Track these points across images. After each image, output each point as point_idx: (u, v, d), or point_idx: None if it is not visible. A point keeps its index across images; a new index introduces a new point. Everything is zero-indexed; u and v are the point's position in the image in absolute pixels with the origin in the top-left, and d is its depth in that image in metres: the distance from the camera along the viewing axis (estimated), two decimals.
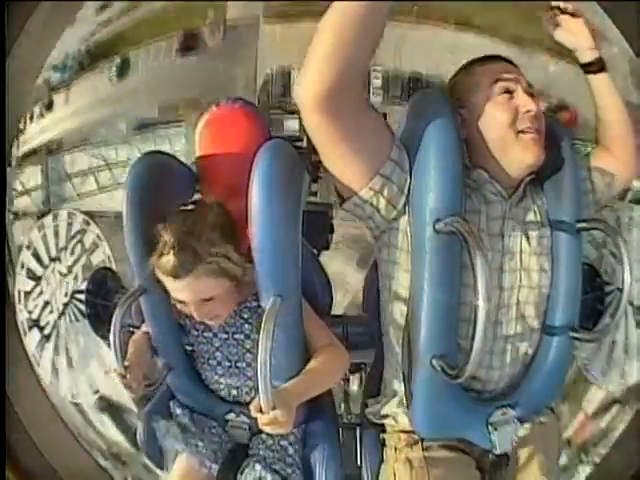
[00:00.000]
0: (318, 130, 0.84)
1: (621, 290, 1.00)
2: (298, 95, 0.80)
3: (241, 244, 1.00)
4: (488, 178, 0.98)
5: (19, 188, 2.28)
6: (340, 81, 0.77)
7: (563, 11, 1.03)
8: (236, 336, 1.08)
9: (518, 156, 0.96)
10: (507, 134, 0.95)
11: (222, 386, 1.11)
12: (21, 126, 2.24)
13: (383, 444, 1.09)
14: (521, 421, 1.02)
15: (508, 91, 0.96)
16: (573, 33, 1.03)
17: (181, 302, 0.98)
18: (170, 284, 0.95)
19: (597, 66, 1.04)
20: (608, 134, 1.08)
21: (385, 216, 0.95)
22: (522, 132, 0.95)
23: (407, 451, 1.02)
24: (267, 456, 1.07)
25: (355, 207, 0.95)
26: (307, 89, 0.79)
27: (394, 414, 1.05)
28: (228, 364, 1.09)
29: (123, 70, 2.56)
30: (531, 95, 0.96)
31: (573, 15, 1.02)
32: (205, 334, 1.09)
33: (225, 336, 1.08)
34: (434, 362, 0.92)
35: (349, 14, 0.74)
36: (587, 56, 1.04)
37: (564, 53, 1.07)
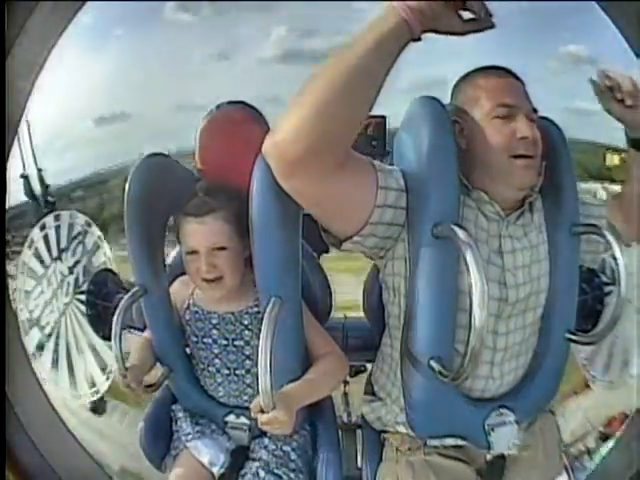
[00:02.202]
0: (297, 194, 0.82)
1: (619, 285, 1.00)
2: (271, 157, 0.76)
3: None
4: (488, 199, 0.97)
5: None
6: (318, 149, 0.72)
7: (614, 84, 0.95)
8: (236, 343, 1.08)
9: (508, 180, 0.95)
10: (500, 157, 0.93)
11: (221, 393, 1.12)
12: None
13: (383, 444, 1.09)
14: (518, 423, 1.02)
15: (509, 114, 0.94)
16: (630, 111, 0.96)
17: (193, 254, 1.02)
18: (190, 227, 1.02)
19: None
20: (630, 205, 1.08)
21: (390, 236, 0.94)
22: (515, 157, 0.93)
23: (409, 454, 1.03)
24: (270, 461, 1.08)
25: (355, 244, 0.93)
26: (282, 152, 0.74)
27: (393, 425, 1.05)
28: (227, 371, 1.10)
29: None
30: (531, 120, 0.95)
31: (633, 97, 0.94)
32: (205, 340, 1.10)
33: (225, 342, 1.08)
34: (432, 364, 0.92)
35: (338, 85, 0.70)
36: (638, 133, 1.00)
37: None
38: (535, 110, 0.97)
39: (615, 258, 0.98)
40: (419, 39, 0.72)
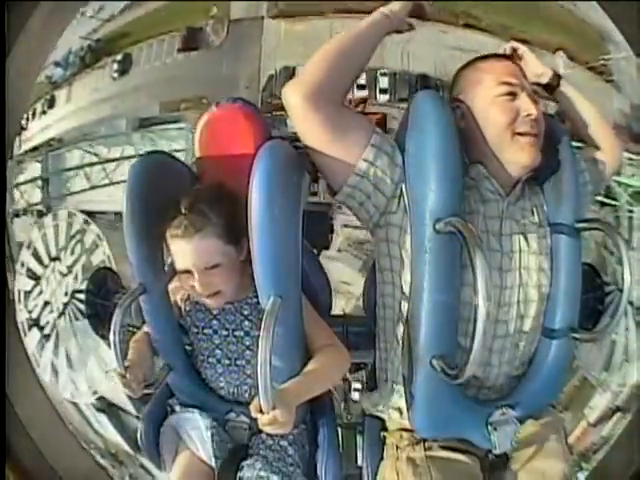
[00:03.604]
0: (309, 122, 0.93)
1: (621, 290, 1.00)
2: (290, 91, 0.93)
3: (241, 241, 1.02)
4: (487, 174, 1.00)
5: (19, 184, 2.27)
6: (325, 81, 0.93)
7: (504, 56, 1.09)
8: (236, 333, 1.08)
9: (513, 157, 0.98)
10: (504, 134, 0.98)
11: (222, 384, 1.11)
12: (23, 123, 2.26)
13: (383, 442, 1.09)
14: (521, 421, 1.02)
15: (512, 93, 0.98)
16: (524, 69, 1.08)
17: (186, 273, 1.00)
18: (179, 248, 0.99)
19: (554, 82, 1.10)
20: (591, 133, 1.13)
21: (375, 204, 0.98)
22: (520, 134, 0.97)
23: (409, 450, 1.03)
24: (267, 456, 1.07)
25: (347, 197, 0.99)
26: (300, 86, 0.92)
27: (400, 408, 1.05)
28: (227, 362, 1.09)
29: (125, 67, 2.56)
30: (534, 100, 0.99)
31: (512, 57, 1.08)
32: (205, 331, 1.09)
33: (225, 333, 1.08)
34: (434, 362, 0.92)
35: (339, 44, 0.97)
36: (543, 79, 1.10)
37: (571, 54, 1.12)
38: (536, 92, 1.02)
39: (620, 252, 0.98)
40: (389, 34, 1.04)
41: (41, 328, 2.22)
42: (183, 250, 0.99)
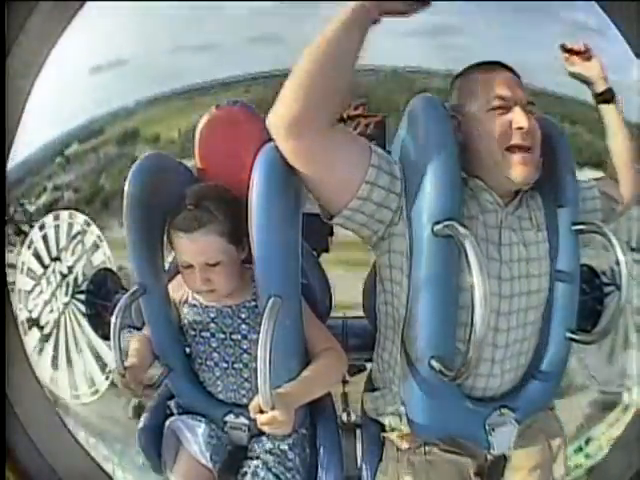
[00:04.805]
0: (295, 155, 0.88)
1: (620, 290, 1.00)
2: (271, 125, 0.87)
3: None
4: (485, 187, 0.99)
5: None
6: (305, 111, 0.84)
7: (576, 50, 1.11)
8: (233, 336, 1.08)
9: (505, 173, 0.96)
10: (495, 149, 0.95)
11: (219, 388, 1.12)
12: None
13: (383, 444, 1.09)
14: (519, 422, 1.02)
15: (504, 107, 0.96)
16: (586, 67, 1.11)
17: (188, 267, 1.01)
18: (182, 242, 1.00)
19: (608, 95, 1.11)
20: (615, 161, 1.13)
21: (381, 219, 0.95)
22: (510, 149, 0.95)
23: (409, 453, 1.03)
24: (268, 460, 1.08)
25: (346, 220, 0.95)
26: (278, 119, 0.85)
27: (399, 410, 1.05)
28: (225, 365, 1.09)
29: None
30: (528, 111, 0.96)
31: (585, 52, 1.10)
32: (203, 334, 1.10)
33: (223, 336, 1.08)
34: (432, 363, 0.92)
35: (316, 60, 0.83)
36: (599, 86, 1.10)
37: None
38: (532, 102, 0.99)
39: (617, 257, 0.98)
40: (378, 21, 0.86)
41: (41, 328, 2.22)
42: (185, 245, 1.00)
